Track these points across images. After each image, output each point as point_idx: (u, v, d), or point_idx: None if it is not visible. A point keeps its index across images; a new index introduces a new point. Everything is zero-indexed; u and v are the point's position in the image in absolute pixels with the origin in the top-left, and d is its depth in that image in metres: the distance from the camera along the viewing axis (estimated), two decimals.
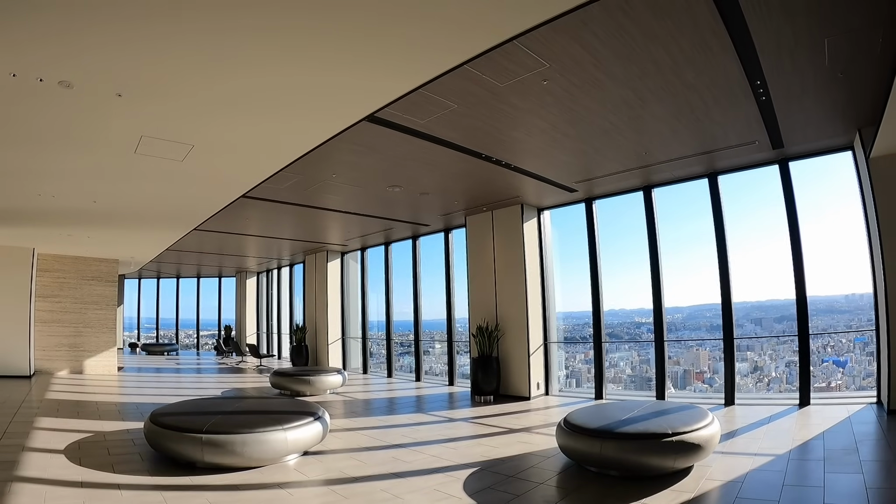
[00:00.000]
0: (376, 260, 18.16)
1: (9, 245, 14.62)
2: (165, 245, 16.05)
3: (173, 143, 6.54)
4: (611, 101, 6.68)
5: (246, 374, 17.80)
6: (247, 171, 8.07)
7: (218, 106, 5.52)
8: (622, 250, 11.98)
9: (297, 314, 22.54)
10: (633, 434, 5.60)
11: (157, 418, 6.66)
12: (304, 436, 6.63)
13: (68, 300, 16.84)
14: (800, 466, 5.83)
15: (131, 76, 4.76)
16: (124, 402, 11.45)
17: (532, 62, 5.54)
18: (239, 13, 3.78)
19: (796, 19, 4.97)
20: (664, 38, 5.23)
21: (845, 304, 9.80)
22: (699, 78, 6.11)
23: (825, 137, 8.23)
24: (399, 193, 10.93)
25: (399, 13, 3.83)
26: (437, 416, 9.89)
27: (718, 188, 9.86)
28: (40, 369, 15.83)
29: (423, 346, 16.04)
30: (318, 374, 12.67)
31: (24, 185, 8.41)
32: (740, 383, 9.73)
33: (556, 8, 3.84)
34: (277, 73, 4.78)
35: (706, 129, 7.70)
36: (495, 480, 5.78)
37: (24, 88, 4.87)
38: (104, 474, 5.85)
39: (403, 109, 6.62)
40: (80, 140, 6.39)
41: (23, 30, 3.89)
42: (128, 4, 3.62)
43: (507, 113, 6.94)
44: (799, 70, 5.97)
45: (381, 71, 4.78)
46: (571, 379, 12.84)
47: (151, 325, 29.74)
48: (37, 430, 7.92)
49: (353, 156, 8.50)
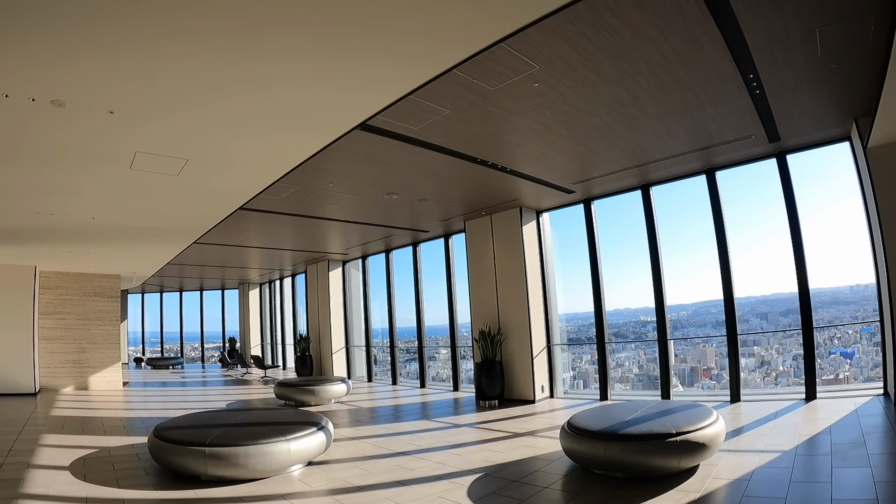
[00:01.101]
0: (378, 267, 18.21)
1: (10, 263, 14.64)
2: (166, 259, 16.04)
3: (168, 158, 6.53)
4: (603, 101, 6.66)
5: (251, 385, 17.77)
6: (242, 183, 8.05)
7: (210, 121, 5.50)
8: (624, 249, 11.97)
9: (300, 324, 22.52)
10: (636, 435, 5.57)
11: (160, 432, 6.66)
12: (307, 446, 6.60)
13: (71, 317, 16.84)
14: (807, 462, 5.80)
15: (123, 93, 4.74)
16: (129, 416, 11.42)
17: (522, 65, 5.52)
18: (227, 31, 3.78)
19: (786, 10, 4.94)
20: (654, 36, 5.21)
21: (850, 295, 9.75)
22: (692, 74, 6.08)
23: (821, 129, 8.20)
24: (397, 201, 10.92)
25: (382, 21, 3.80)
26: (441, 423, 9.87)
27: (717, 184, 9.83)
28: (45, 386, 15.84)
29: (428, 352, 15.99)
30: (322, 384, 12.63)
31: (23, 204, 8.40)
32: (748, 378, 9.69)
33: (541, 9, 3.81)
34: (268, 84, 4.76)
35: (701, 125, 7.68)
36: (500, 486, 5.75)
37: (17, 108, 4.87)
38: (109, 489, 5.86)
39: (396, 116, 6.61)
40: (75, 157, 6.39)
41: (15, 50, 3.88)
42: (119, 23, 3.62)
43: (500, 116, 6.92)
44: (792, 62, 5.93)
45: (369, 79, 4.75)
46: (578, 380, 12.80)
47: (156, 340, 29.73)
48: (42, 447, 7.92)
49: (348, 165, 8.49)
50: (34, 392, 14.74)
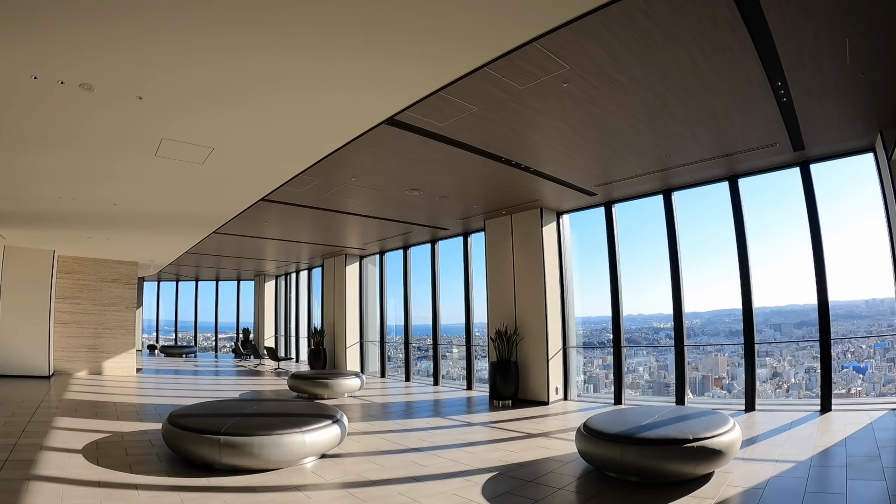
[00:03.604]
0: (395, 264, 18.19)
1: (29, 247, 14.78)
2: (185, 248, 16.15)
3: (194, 146, 6.57)
4: (631, 104, 6.62)
5: (264, 376, 17.84)
6: (266, 174, 8.10)
7: (237, 108, 5.52)
8: (639, 255, 11.89)
9: (315, 318, 22.54)
10: (653, 440, 5.55)
11: (175, 419, 6.70)
12: (321, 439, 6.63)
13: (88, 302, 16.99)
14: (822, 473, 5.76)
15: (152, 78, 4.77)
16: (142, 403, 11.49)
17: (552, 64, 5.51)
18: (259, 10, 3.77)
19: (817, 18, 4.89)
20: (684, 39, 5.18)
21: (865, 310, 9.65)
22: (720, 79, 6.04)
23: (846, 139, 8.11)
24: (418, 197, 10.92)
25: (419, 15, 3.81)
26: (455, 421, 9.87)
27: (739, 191, 9.75)
28: (59, 370, 15.98)
29: (441, 350, 15.98)
30: (336, 378, 12.68)
31: (45, 188, 8.48)
32: (759, 389, 9.62)
33: (576, 9, 3.82)
34: (299, 74, 4.78)
35: (727, 130, 7.63)
36: (514, 485, 5.75)
37: (45, 91, 4.90)
38: (122, 474, 5.89)
39: (423, 113, 6.61)
40: (101, 143, 6.43)
41: (44, 30, 3.90)
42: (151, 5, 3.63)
43: (527, 115, 6.90)
44: (820, 70, 5.88)
45: (401, 73, 4.77)
46: (589, 384, 12.76)
47: (170, 328, 29.93)
48: (55, 430, 7.98)
49: (372, 159, 8.50)
50: (48, 375, 14.88)
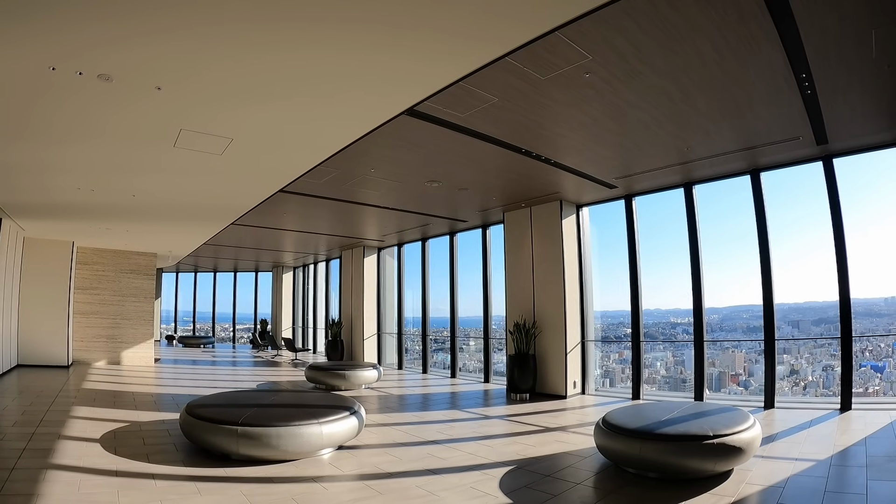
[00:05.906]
0: (413, 255, 18.16)
1: (49, 238, 14.92)
2: (203, 239, 16.23)
3: (213, 137, 6.56)
4: (653, 95, 6.54)
5: (281, 367, 17.91)
6: (285, 165, 8.09)
7: (257, 98, 5.50)
8: (657, 249, 11.82)
9: (332, 309, 22.62)
10: (673, 435, 5.49)
11: (193, 410, 6.73)
12: (339, 430, 6.63)
13: (107, 292, 17.15)
14: (841, 472, 5.68)
15: (171, 69, 4.76)
16: (160, 393, 11.58)
17: (574, 54, 5.44)
18: (277, 7, 3.77)
19: (844, 9, 4.81)
20: (709, 30, 5.10)
21: (885, 308, 9.51)
22: (744, 71, 5.95)
23: (870, 133, 7.98)
24: (437, 189, 10.88)
25: (442, 2, 3.76)
26: (472, 414, 9.84)
27: (761, 185, 9.63)
28: (78, 360, 16.16)
29: (459, 342, 15.96)
30: (354, 369, 12.70)
31: (64, 180, 8.53)
32: (776, 387, 9.51)
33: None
34: (318, 64, 4.74)
35: (750, 123, 7.53)
36: (532, 479, 5.72)
37: (64, 82, 4.90)
38: (139, 464, 5.93)
39: (443, 103, 6.57)
40: (119, 134, 6.44)
41: (62, 21, 3.89)
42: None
43: (548, 107, 6.84)
44: (845, 62, 5.78)
45: (422, 62, 4.72)
46: (605, 378, 12.71)
47: (188, 319, 30.18)
48: (73, 419, 8.05)
49: (392, 150, 8.47)
50: (67, 365, 15.03)
